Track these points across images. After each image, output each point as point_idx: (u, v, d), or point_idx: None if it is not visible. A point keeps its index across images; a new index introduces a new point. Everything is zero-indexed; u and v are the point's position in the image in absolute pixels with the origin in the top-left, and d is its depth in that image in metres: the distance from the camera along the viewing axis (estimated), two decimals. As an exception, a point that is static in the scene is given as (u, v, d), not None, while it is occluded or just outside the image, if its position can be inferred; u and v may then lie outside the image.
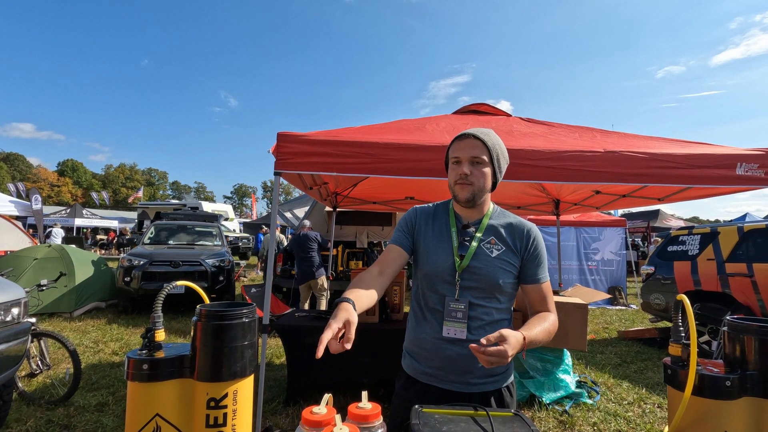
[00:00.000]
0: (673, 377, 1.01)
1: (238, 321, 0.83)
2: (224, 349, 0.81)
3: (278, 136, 2.55)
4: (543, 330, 1.32)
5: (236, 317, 0.83)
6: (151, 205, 19.29)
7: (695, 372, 0.94)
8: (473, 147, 1.40)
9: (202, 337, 0.83)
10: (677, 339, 1.06)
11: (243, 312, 0.84)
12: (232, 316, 0.82)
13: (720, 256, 5.56)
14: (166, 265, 7.16)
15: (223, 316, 0.82)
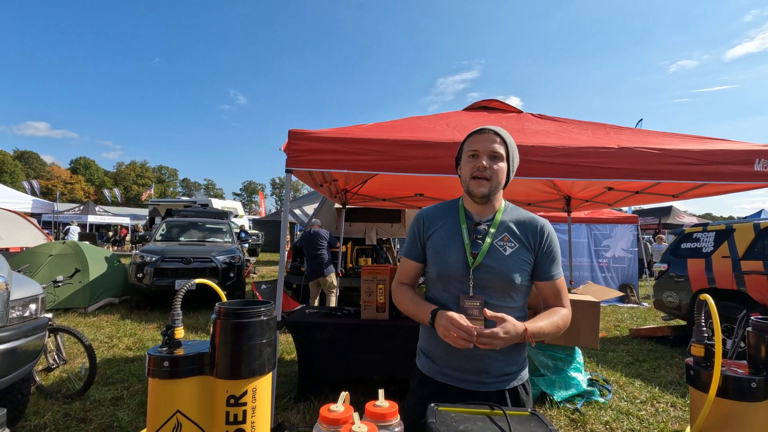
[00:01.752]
0: (696, 378, 0.99)
1: (256, 319, 0.83)
2: (243, 347, 0.81)
3: (289, 134, 2.55)
4: (550, 323, 1.32)
5: (255, 315, 0.83)
6: (161, 202, 19.53)
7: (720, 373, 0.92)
8: (492, 141, 1.40)
9: (221, 335, 0.83)
10: (700, 339, 1.04)
11: (261, 310, 0.84)
12: (250, 314, 0.83)
13: (735, 254, 5.46)
14: (177, 262, 7.24)
15: (242, 314, 0.83)
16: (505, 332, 1.19)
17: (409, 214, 7.83)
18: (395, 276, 1.62)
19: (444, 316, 1.26)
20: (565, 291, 1.45)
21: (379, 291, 3.69)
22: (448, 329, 1.22)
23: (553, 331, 1.33)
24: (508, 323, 1.21)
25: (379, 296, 3.69)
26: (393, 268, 3.85)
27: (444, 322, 1.24)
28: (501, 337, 1.18)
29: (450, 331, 1.21)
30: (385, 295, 3.69)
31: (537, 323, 1.30)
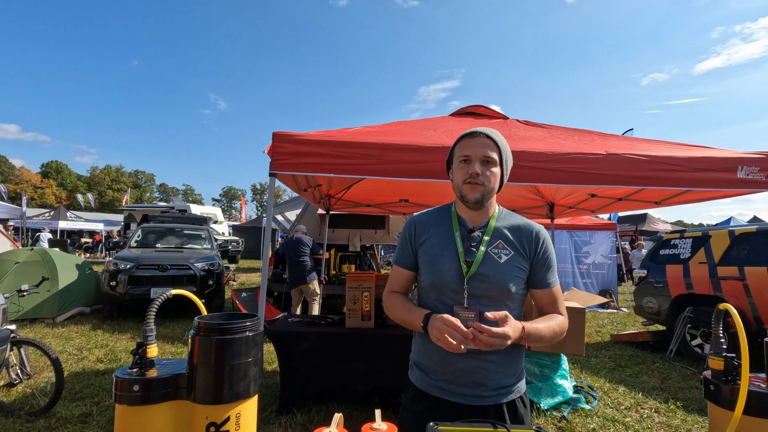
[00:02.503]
0: (716, 393, 0.95)
1: (241, 335, 0.74)
2: (226, 367, 0.73)
3: (273, 136, 2.46)
4: (548, 327, 1.28)
5: (239, 331, 0.75)
6: (138, 208, 18.98)
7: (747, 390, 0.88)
8: (484, 145, 1.34)
9: (201, 354, 0.74)
10: (718, 351, 1.00)
11: (246, 325, 0.75)
12: (234, 329, 0.74)
13: (712, 260, 5.59)
14: (153, 269, 6.98)
15: (225, 330, 0.74)
16: (514, 330, 1.14)
17: (394, 220, 7.77)
18: (386, 285, 1.55)
19: (438, 318, 1.20)
20: (561, 299, 1.41)
21: (364, 299, 3.61)
22: (442, 331, 1.15)
23: (549, 336, 1.28)
24: (512, 321, 1.16)
25: (364, 304, 3.60)
26: (379, 276, 3.77)
27: (438, 324, 1.17)
28: (510, 336, 1.12)
29: (443, 333, 1.15)
30: (370, 303, 3.60)
31: (534, 324, 1.26)
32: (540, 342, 1.28)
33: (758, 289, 5.00)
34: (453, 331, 1.14)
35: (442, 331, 1.16)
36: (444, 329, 1.16)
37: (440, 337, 1.17)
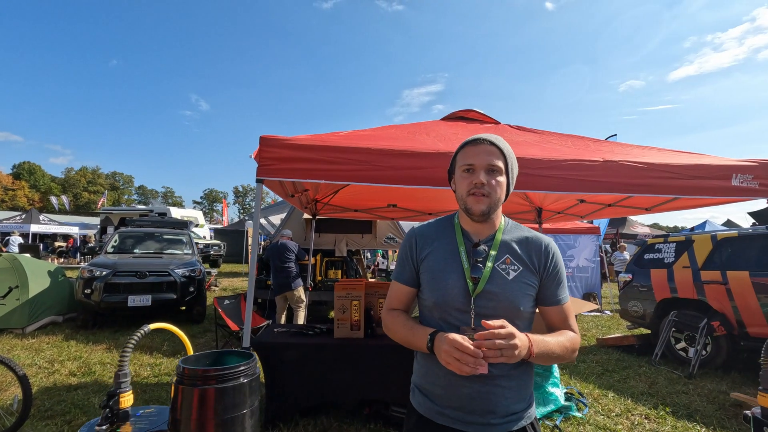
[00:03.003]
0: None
1: (235, 383, 0.63)
2: (216, 424, 0.61)
3: (261, 140, 2.34)
4: (557, 342, 1.20)
5: (232, 377, 0.63)
6: (115, 211, 18.39)
7: None
8: (489, 153, 1.26)
9: (184, 408, 0.63)
10: None
11: (241, 370, 0.64)
12: (227, 376, 0.63)
13: (695, 264, 5.67)
14: (131, 276, 6.70)
15: (216, 378, 0.62)
16: (520, 341, 1.07)
17: (381, 225, 7.68)
18: (385, 302, 1.45)
19: (445, 339, 1.11)
20: (573, 316, 1.33)
21: (353, 308, 3.50)
22: (452, 354, 1.07)
23: (559, 352, 1.20)
24: (520, 334, 1.09)
25: (353, 313, 3.49)
26: (368, 283, 3.66)
27: (446, 348, 1.09)
28: (518, 345, 1.06)
29: (453, 356, 1.06)
30: (360, 312, 3.49)
31: (542, 337, 1.18)
32: (549, 357, 1.19)
33: (740, 293, 5.08)
34: (463, 355, 1.05)
35: (451, 354, 1.07)
36: (453, 352, 1.07)
37: (450, 360, 1.08)
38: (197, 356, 0.62)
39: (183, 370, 0.59)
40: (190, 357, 0.62)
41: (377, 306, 3.64)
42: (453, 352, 1.07)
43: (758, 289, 4.91)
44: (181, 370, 0.59)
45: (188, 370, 0.59)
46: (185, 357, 0.63)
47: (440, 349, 1.12)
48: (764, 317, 4.87)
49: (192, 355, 0.63)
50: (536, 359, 1.16)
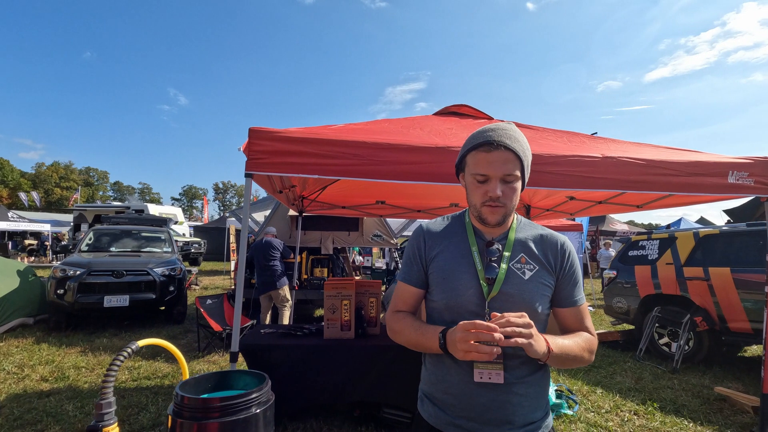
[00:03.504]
0: None
1: (244, 414, 0.52)
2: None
3: (250, 132, 2.21)
4: (575, 343, 1.14)
5: (241, 407, 0.52)
6: (89, 208, 17.73)
7: None
8: (505, 161, 1.13)
9: (187, 445, 0.52)
10: None
11: (251, 398, 0.53)
12: (234, 407, 0.52)
13: (678, 261, 5.76)
14: (107, 275, 6.42)
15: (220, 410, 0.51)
16: (535, 333, 1.02)
17: (368, 222, 7.57)
18: (390, 305, 1.35)
19: (458, 327, 1.04)
20: (589, 317, 1.26)
21: (344, 307, 3.39)
22: (466, 339, 0.99)
23: (577, 353, 1.14)
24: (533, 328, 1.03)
25: (344, 313, 3.39)
26: (359, 282, 3.57)
27: (461, 334, 1.01)
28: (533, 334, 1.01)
29: (468, 340, 0.99)
30: (350, 312, 3.39)
31: (558, 339, 1.11)
32: (566, 358, 1.12)
33: (722, 288, 5.18)
34: (479, 333, 0.98)
35: (466, 340, 0.99)
36: (468, 336, 0.99)
37: (466, 348, 1.00)
38: (197, 379, 0.52)
39: (182, 399, 0.48)
40: (189, 381, 0.52)
41: (368, 305, 3.55)
42: (468, 336, 0.99)
43: (739, 284, 5.02)
44: (180, 399, 0.48)
45: (188, 399, 0.48)
46: (183, 381, 0.53)
47: (454, 339, 1.04)
48: (744, 312, 4.98)
49: (191, 378, 0.52)
50: (553, 360, 1.09)
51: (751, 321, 4.92)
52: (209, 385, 0.64)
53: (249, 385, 0.65)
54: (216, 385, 0.71)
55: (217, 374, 0.53)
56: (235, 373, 0.54)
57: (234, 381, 0.56)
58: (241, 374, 0.54)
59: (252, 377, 0.54)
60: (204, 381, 0.52)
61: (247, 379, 0.58)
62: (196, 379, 0.52)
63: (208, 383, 0.54)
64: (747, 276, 4.95)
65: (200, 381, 0.52)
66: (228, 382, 0.58)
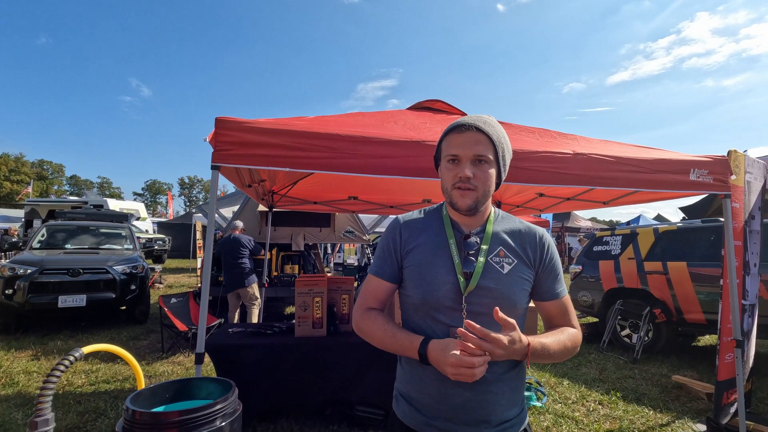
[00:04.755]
0: None
1: (207, 429, 0.46)
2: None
3: (217, 122, 2.10)
4: (557, 342, 1.12)
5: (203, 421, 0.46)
6: (42, 202, 16.69)
7: None
8: (476, 142, 1.13)
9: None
10: None
11: (215, 410, 0.47)
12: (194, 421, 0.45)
13: (639, 256, 6.01)
14: (62, 274, 6.04)
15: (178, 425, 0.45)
16: (511, 341, 0.99)
17: (339, 218, 7.48)
18: (358, 299, 1.30)
19: (443, 349, 1.02)
20: (572, 309, 1.26)
21: (315, 304, 3.33)
22: (458, 373, 0.97)
23: (559, 352, 1.13)
24: (516, 332, 1.01)
25: (315, 311, 3.32)
26: (331, 279, 3.50)
27: (453, 370, 0.98)
28: (504, 345, 0.97)
29: (461, 372, 0.97)
30: (322, 310, 3.33)
31: (540, 339, 1.09)
32: (548, 360, 1.12)
33: (679, 282, 5.44)
34: (473, 362, 0.96)
35: (459, 372, 0.97)
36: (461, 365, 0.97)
37: (456, 372, 0.98)
38: (153, 389, 0.45)
39: (132, 414, 0.41)
40: (142, 392, 0.45)
41: (340, 302, 3.49)
42: (462, 372, 0.97)
43: (694, 278, 5.29)
44: (130, 414, 0.41)
45: (140, 414, 0.41)
46: (136, 392, 0.46)
47: (443, 358, 1.01)
48: (699, 304, 5.25)
49: (145, 389, 0.46)
50: (534, 359, 1.08)
51: (705, 312, 5.19)
52: (167, 396, 0.58)
53: (213, 394, 0.59)
54: (175, 396, 0.64)
55: (176, 383, 0.47)
56: (198, 381, 0.48)
57: (196, 390, 0.50)
58: (205, 382, 0.48)
59: (217, 384, 0.48)
60: (161, 391, 0.46)
61: (211, 387, 0.53)
62: (151, 389, 0.46)
63: (166, 393, 0.48)
64: (702, 270, 5.22)
65: (156, 391, 0.45)
66: (189, 391, 0.52)
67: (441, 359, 1.01)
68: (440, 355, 1.02)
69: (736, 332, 2.87)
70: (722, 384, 2.97)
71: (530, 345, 1.04)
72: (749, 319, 3.24)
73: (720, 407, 2.98)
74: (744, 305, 3.10)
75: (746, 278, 3.18)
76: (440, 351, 1.02)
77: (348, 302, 3.50)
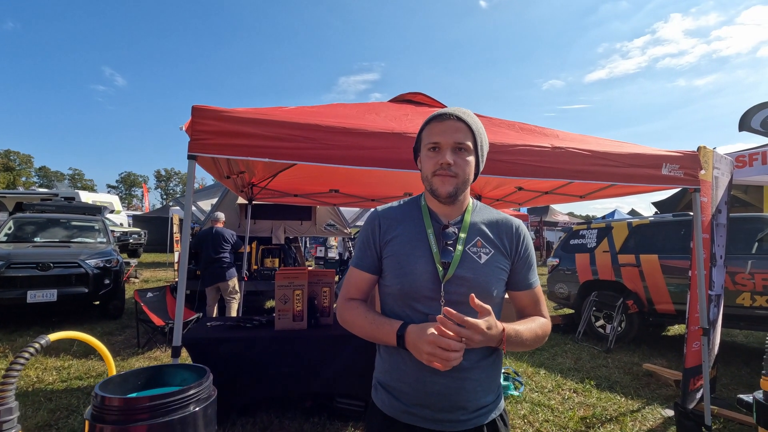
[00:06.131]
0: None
1: (180, 414, 0.45)
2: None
3: (193, 111, 2.04)
4: (529, 329, 1.15)
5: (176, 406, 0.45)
6: (9, 194, 15.99)
7: None
8: (456, 130, 1.15)
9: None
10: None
11: (189, 395, 0.46)
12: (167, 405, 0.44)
13: (613, 249, 6.18)
14: (31, 268, 5.82)
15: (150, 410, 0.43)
16: (488, 327, 1.00)
17: (320, 211, 7.43)
18: (341, 291, 1.31)
19: (420, 333, 1.02)
20: (543, 300, 1.29)
21: (296, 297, 3.30)
22: (435, 354, 0.97)
23: (531, 339, 1.15)
24: (491, 317, 1.02)
25: (296, 304, 3.30)
26: (312, 272, 3.48)
27: (428, 349, 0.98)
28: (482, 330, 0.98)
29: (436, 353, 0.97)
30: (303, 302, 3.31)
31: (514, 326, 1.12)
32: (520, 347, 1.15)
33: (650, 273, 5.63)
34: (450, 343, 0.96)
35: (435, 353, 0.97)
36: (438, 353, 0.97)
37: (431, 359, 0.99)
38: (124, 376, 0.44)
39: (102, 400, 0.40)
40: (113, 378, 0.43)
41: (321, 295, 3.48)
42: (438, 353, 0.97)
43: (665, 270, 5.48)
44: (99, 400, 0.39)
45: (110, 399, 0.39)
46: (105, 379, 0.44)
47: (418, 347, 1.02)
48: (669, 295, 5.45)
49: (116, 376, 0.44)
50: (509, 346, 1.10)
51: (674, 303, 5.39)
52: (139, 383, 0.56)
53: (187, 380, 0.58)
54: (148, 383, 0.62)
55: (148, 369, 0.46)
56: (171, 368, 0.47)
57: (170, 377, 0.49)
58: (178, 369, 0.47)
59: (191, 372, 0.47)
60: (132, 378, 0.45)
61: (185, 374, 0.51)
62: (122, 376, 0.44)
63: (138, 380, 0.46)
64: (672, 262, 5.41)
65: (127, 379, 0.44)
66: (162, 378, 0.51)
67: (417, 341, 1.02)
68: (417, 336, 1.03)
69: (703, 321, 2.99)
70: (689, 371, 3.10)
71: (505, 331, 1.06)
72: (715, 308, 3.38)
73: (687, 393, 3.11)
74: (710, 295, 3.23)
75: (713, 270, 3.32)
76: (417, 332, 1.03)
77: (329, 295, 3.49)
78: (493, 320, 1.03)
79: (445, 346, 0.96)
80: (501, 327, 1.05)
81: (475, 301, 1.01)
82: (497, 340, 1.05)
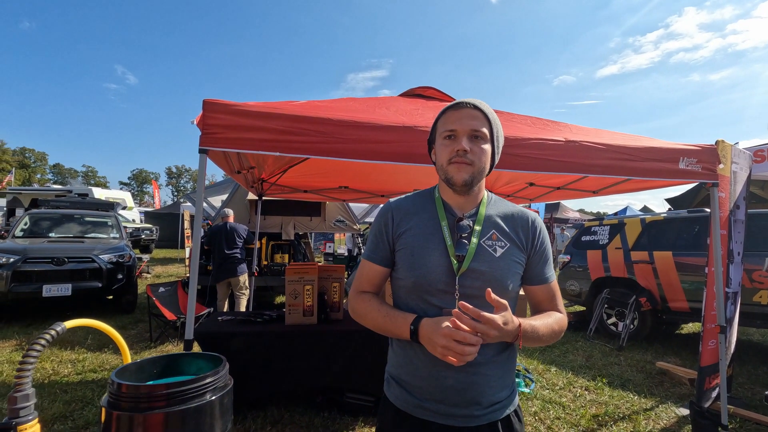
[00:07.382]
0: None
1: (197, 402, 0.44)
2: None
3: (204, 105, 2.05)
4: (545, 325, 1.13)
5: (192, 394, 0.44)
6: (25, 191, 16.29)
7: None
8: (472, 118, 1.14)
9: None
10: None
11: (205, 383, 0.45)
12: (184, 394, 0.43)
13: (626, 245, 6.09)
14: (46, 263, 5.92)
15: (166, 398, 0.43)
16: (504, 322, 0.98)
17: (330, 207, 7.44)
18: (353, 284, 1.30)
19: (434, 326, 1.01)
20: (559, 294, 1.26)
21: (306, 292, 3.31)
22: (450, 346, 0.96)
23: (547, 335, 1.13)
24: (508, 312, 1.00)
25: (306, 299, 3.30)
26: (321, 267, 3.49)
27: (443, 340, 0.97)
28: (498, 326, 0.96)
29: (451, 346, 0.95)
30: (313, 297, 3.31)
31: (530, 321, 1.10)
32: (536, 342, 1.13)
33: (664, 271, 5.54)
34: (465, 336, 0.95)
35: (450, 346, 0.96)
36: (453, 346, 0.95)
37: (445, 352, 0.97)
38: (140, 364, 0.43)
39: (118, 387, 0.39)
40: (128, 366, 0.43)
41: (331, 290, 3.48)
42: (453, 347, 0.95)
43: (679, 267, 5.38)
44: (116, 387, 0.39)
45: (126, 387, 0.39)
46: (121, 367, 0.43)
47: (432, 340, 1.00)
48: (683, 293, 5.36)
49: (132, 363, 0.43)
50: (524, 342, 1.08)
51: (689, 300, 5.29)
52: (154, 371, 0.56)
53: (203, 369, 0.57)
54: (164, 371, 0.61)
55: (164, 358, 0.45)
56: (187, 357, 0.46)
57: (185, 366, 0.48)
58: (194, 357, 0.46)
59: (206, 360, 0.46)
60: (148, 366, 0.44)
61: (200, 362, 0.51)
62: (138, 364, 0.44)
63: (153, 369, 0.46)
64: (686, 259, 5.31)
65: (143, 366, 0.43)
66: (178, 366, 0.50)
67: (432, 334, 1.00)
68: (432, 330, 1.01)
69: (720, 319, 2.93)
70: (705, 369, 3.04)
71: (521, 326, 1.04)
72: (732, 306, 3.31)
73: (702, 391, 3.05)
74: (728, 293, 3.16)
75: (730, 266, 3.24)
76: (432, 325, 1.02)
77: (339, 290, 3.49)
78: (510, 315, 1.01)
79: (462, 339, 0.94)
80: (517, 322, 1.03)
81: (491, 296, 0.99)
82: (513, 336, 1.03)
